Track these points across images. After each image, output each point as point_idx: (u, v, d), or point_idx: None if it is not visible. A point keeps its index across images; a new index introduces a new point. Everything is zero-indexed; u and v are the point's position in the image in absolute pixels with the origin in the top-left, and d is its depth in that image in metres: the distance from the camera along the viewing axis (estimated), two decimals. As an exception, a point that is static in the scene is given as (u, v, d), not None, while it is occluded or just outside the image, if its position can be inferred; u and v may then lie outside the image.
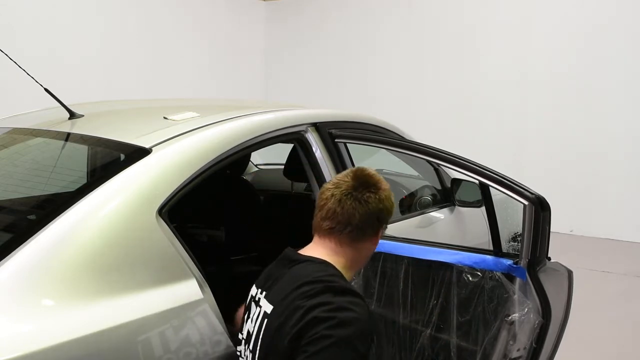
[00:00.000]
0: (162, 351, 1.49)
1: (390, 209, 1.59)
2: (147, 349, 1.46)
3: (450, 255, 2.04)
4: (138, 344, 1.45)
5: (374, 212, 1.53)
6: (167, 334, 1.51)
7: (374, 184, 1.56)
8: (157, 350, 1.48)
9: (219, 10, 8.60)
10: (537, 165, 6.91)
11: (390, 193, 1.59)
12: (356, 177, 1.56)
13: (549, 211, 1.85)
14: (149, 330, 1.47)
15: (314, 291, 1.37)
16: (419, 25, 7.95)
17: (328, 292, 1.37)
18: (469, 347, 1.99)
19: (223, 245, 2.85)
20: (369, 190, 1.54)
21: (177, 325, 1.53)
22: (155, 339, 1.48)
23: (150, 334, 1.47)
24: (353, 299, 1.37)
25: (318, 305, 1.34)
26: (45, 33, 6.38)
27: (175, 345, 1.52)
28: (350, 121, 2.52)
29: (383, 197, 1.55)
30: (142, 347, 1.45)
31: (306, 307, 1.34)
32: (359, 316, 1.33)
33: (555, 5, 6.96)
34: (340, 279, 1.44)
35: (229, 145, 1.87)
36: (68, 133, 2.07)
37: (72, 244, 1.46)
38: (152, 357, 1.47)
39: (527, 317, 1.85)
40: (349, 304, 1.34)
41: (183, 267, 1.61)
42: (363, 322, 1.34)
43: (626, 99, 6.53)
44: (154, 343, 1.47)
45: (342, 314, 1.32)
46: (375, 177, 1.59)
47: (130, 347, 1.43)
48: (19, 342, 1.27)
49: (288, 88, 9.00)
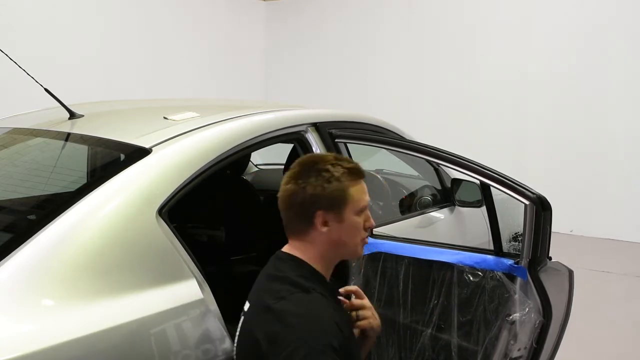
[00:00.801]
0: (162, 351, 1.49)
1: (330, 193, 1.46)
2: (147, 349, 1.46)
3: (451, 255, 2.03)
4: (138, 344, 1.45)
5: (304, 199, 1.47)
6: (167, 334, 1.51)
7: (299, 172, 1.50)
8: (157, 351, 1.48)
9: (219, 10, 8.60)
10: (537, 165, 6.90)
11: (331, 174, 1.47)
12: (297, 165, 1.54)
13: (550, 211, 1.85)
14: (149, 330, 1.47)
15: (279, 293, 1.41)
16: (418, 25, 7.95)
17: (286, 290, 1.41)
18: (470, 347, 1.99)
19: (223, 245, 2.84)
20: (295, 179, 1.49)
21: (177, 325, 1.53)
22: (155, 339, 1.48)
23: (150, 334, 1.47)
24: (303, 296, 1.40)
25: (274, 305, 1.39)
26: (45, 33, 6.38)
27: (175, 345, 1.52)
28: (350, 121, 2.52)
29: (314, 183, 1.47)
30: (142, 347, 1.45)
31: (270, 307, 1.38)
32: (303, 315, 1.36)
33: (555, 5, 6.96)
34: (299, 277, 1.45)
35: (229, 145, 1.87)
36: (68, 133, 2.07)
37: (72, 244, 1.46)
38: (152, 357, 1.47)
39: (528, 317, 1.85)
40: (294, 305, 1.38)
41: (183, 267, 1.61)
42: (310, 320, 1.36)
43: (626, 99, 6.52)
44: (153, 343, 1.47)
45: (288, 319, 1.35)
46: (307, 161, 1.53)
47: (130, 347, 1.43)
48: (19, 342, 1.27)
49: (288, 88, 9.00)
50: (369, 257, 2.16)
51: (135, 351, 1.44)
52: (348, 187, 1.49)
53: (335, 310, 1.46)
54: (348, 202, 1.49)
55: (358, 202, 1.50)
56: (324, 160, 1.52)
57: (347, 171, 1.50)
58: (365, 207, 1.53)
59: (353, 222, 1.50)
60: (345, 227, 1.50)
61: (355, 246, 1.54)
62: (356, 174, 1.52)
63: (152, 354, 1.47)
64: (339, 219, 1.49)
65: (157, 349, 1.48)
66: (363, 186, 1.53)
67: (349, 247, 1.54)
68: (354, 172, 1.52)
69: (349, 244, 1.53)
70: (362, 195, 1.52)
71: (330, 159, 1.54)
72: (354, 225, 1.51)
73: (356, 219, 1.51)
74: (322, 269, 1.52)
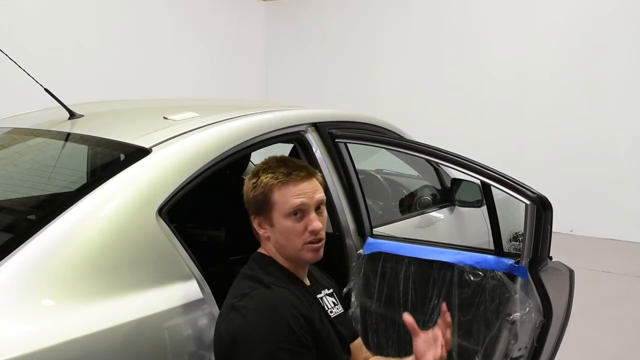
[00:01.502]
0: (162, 351, 1.49)
1: (248, 194, 1.55)
2: (147, 349, 1.46)
3: (451, 254, 2.03)
4: (138, 344, 1.45)
5: (246, 204, 1.57)
6: (167, 334, 1.51)
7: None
8: (156, 351, 1.48)
9: (219, 10, 8.60)
10: (537, 165, 6.90)
11: (253, 176, 1.55)
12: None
13: (550, 210, 1.85)
14: (148, 331, 1.47)
15: (243, 290, 1.47)
16: (419, 24, 7.94)
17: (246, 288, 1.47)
18: (471, 347, 1.99)
19: (223, 245, 2.84)
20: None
21: (177, 325, 1.53)
22: (155, 339, 1.48)
23: (150, 334, 1.47)
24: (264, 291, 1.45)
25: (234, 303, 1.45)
26: (46, 33, 6.38)
27: (175, 345, 1.52)
28: (350, 121, 2.52)
29: (246, 189, 1.56)
30: (141, 347, 1.45)
31: (234, 305, 1.44)
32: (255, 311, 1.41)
33: (555, 4, 6.96)
34: (264, 274, 1.50)
35: (229, 145, 1.87)
36: (68, 133, 2.07)
37: (72, 244, 1.46)
38: (152, 357, 1.47)
39: (528, 317, 1.85)
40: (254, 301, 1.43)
41: (183, 267, 1.61)
42: (268, 313, 1.41)
43: (626, 98, 6.52)
44: (153, 343, 1.47)
45: (248, 315, 1.41)
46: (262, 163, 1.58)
47: (130, 347, 1.43)
48: (19, 342, 1.27)
49: (288, 88, 9.00)
50: (369, 257, 2.16)
51: (135, 351, 1.44)
52: (271, 192, 1.50)
53: (300, 301, 1.47)
54: (272, 207, 1.50)
55: (284, 206, 1.49)
56: (261, 166, 1.56)
57: (273, 175, 1.51)
58: (296, 210, 1.50)
59: (284, 226, 1.50)
60: (278, 231, 1.52)
61: (295, 250, 1.52)
62: (282, 177, 1.50)
63: (152, 354, 1.47)
64: (269, 223, 1.53)
65: (157, 349, 1.48)
66: (294, 189, 1.50)
67: (290, 251, 1.53)
68: (281, 176, 1.50)
69: (288, 247, 1.52)
70: (289, 199, 1.49)
71: (266, 163, 1.57)
72: (285, 229, 1.50)
73: (286, 222, 1.50)
74: (288, 266, 1.55)
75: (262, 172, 1.53)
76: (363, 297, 2.17)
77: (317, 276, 1.69)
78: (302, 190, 1.50)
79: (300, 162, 1.62)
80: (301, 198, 1.50)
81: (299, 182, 1.51)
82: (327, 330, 1.53)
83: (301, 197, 1.50)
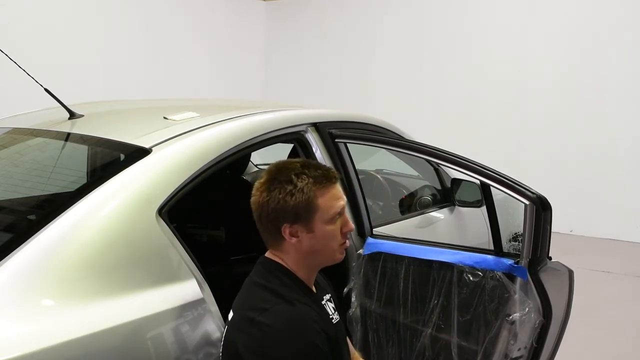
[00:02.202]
0: (162, 351, 1.49)
1: (287, 201, 1.40)
2: (147, 349, 1.46)
3: (451, 255, 2.03)
4: (138, 344, 1.45)
5: (268, 213, 1.43)
6: (167, 334, 1.51)
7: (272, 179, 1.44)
8: (156, 351, 1.48)
9: (219, 10, 8.60)
10: (537, 165, 6.90)
11: (294, 186, 1.41)
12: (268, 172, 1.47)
13: (550, 210, 1.85)
14: (148, 331, 1.47)
15: (262, 304, 1.40)
16: (419, 24, 7.94)
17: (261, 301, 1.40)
18: (470, 347, 1.99)
19: (223, 245, 2.84)
20: (261, 192, 1.45)
21: (176, 325, 1.53)
22: (155, 339, 1.48)
23: (150, 334, 1.47)
24: (286, 307, 1.39)
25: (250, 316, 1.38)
26: (46, 33, 6.37)
27: (175, 345, 1.52)
28: (350, 121, 2.52)
29: (277, 196, 1.42)
30: (141, 347, 1.45)
31: (254, 320, 1.37)
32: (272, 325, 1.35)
33: (555, 5, 6.96)
34: (282, 287, 1.43)
35: (229, 145, 1.87)
36: (68, 133, 2.07)
37: (72, 244, 1.46)
38: (152, 357, 1.47)
39: (528, 317, 1.85)
40: (276, 318, 1.36)
41: (183, 267, 1.61)
42: (293, 332, 1.35)
43: (626, 98, 6.52)
44: (153, 343, 1.47)
45: (271, 333, 1.35)
46: (273, 171, 1.46)
47: (130, 347, 1.43)
48: (19, 342, 1.27)
49: (288, 88, 9.00)
50: (369, 257, 2.17)
51: (135, 351, 1.44)
52: (314, 198, 1.42)
53: (320, 317, 1.44)
54: (316, 213, 1.42)
55: (328, 211, 1.44)
56: (289, 169, 1.44)
57: (313, 180, 1.42)
58: (338, 214, 1.46)
59: (324, 231, 1.44)
60: (317, 237, 1.44)
61: (331, 253, 1.49)
62: (323, 181, 1.44)
63: (151, 354, 1.47)
64: (308, 229, 1.43)
65: (157, 349, 1.48)
66: (334, 192, 1.46)
67: (325, 255, 1.49)
68: (320, 179, 1.44)
69: (324, 252, 1.48)
70: (333, 203, 1.44)
71: (295, 167, 1.45)
72: (326, 234, 1.45)
73: (328, 227, 1.45)
74: (304, 275, 1.49)
75: (295, 177, 1.42)
76: (363, 297, 2.17)
77: (318, 280, 1.69)
78: (340, 193, 1.48)
79: (321, 164, 1.57)
80: (341, 201, 1.47)
81: (336, 184, 1.47)
82: (339, 343, 1.52)
83: (341, 200, 1.47)
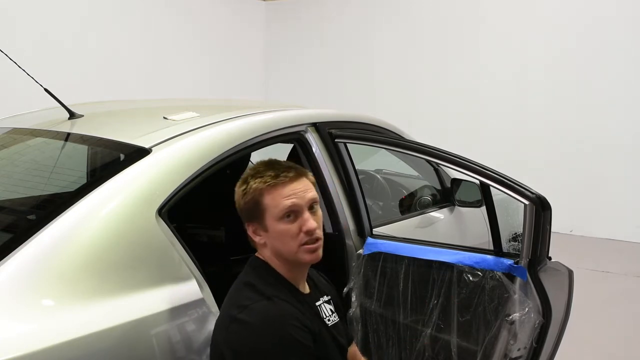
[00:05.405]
0: (162, 351, 1.49)
1: (239, 202, 1.52)
2: (147, 350, 1.46)
3: (450, 255, 2.03)
4: (138, 344, 1.45)
5: (239, 211, 1.54)
6: (167, 334, 1.51)
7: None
8: (156, 351, 1.48)
9: (219, 11, 8.60)
10: (537, 165, 6.90)
11: (242, 183, 1.53)
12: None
13: (549, 211, 1.85)
14: (148, 331, 1.47)
15: (243, 301, 1.45)
16: (418, 25, 7.94)
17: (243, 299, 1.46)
18: (470, 347, 1.99)
19: (223, 245, 2.84)
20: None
21: (176, 325, 1.53)
22: (155, 339, 1.48)
23: (150, 334, 1.47)
24: (265, 304, 1.43)
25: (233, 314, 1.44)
26: (46, 33, 6.37)
27: (175, 345, 1.52)
28: (350, 121, 2.52)
29: (237, 197, 1.53)
30: (141, 347, 1.46)
31: (235, 317, 1.42)
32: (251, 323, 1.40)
33: (556, 4, 6.96)
34: (263, 284, 1.48)
35: (229, 145, 1.87)
36: (68, 133, 2.07)
37: (72, 244, 1.46)
38: (152, 357, 1.47)
39: (527, 317, 1.85)
40: (255, 314, 1.41)
41: (183, 267, 1.61)
42: (271, 328, 1.39)
43: (626, 98, 6.52)
44: (153, 343, 1.47)
45: (249, 328, 1.39)
46: (246, 172, 1.55)
47: (130, 347, 1.43)
48: (19, 342, 1.27)
49: (288, 88, 9.00)
50: (369, 257, 2.17)
51: (134, 351, 1.44)
52: (259, 197, 1.47)
53: (301, 314, 1.46)
54: (264, 212, 1.48)
55: (275, 209, 1.46)
56: (249, 172, 1.53)
57: (261, 179, 1.48)
58: (288, 212, 1.47)
59: (277, 229, 1.47)
60: (272, 236, 1.49)
61: (292, 253, 1.49)
62: (271, 180, 1.47)
63: (151, 354, 1.47)
64: (263, 228, 1.50)
65: (157, 349, 1.48)
66: (283, 191, 1.47)
67: (287, 254, 1.50)
68: (268, 179, 1.47)
69: (284, 251, 1.50)
70: (279, 201, 1.46)
71: (254, 168, 1.53)
72: (281, 233, 1.47)
73: (280, 226, 1.47)
74: (287, 274, 1.52)
75: (250, 177, 1.50)
76: (363, 297, 2.17)
77: (316, 281, 1.68)
78: (292, 191, 1.48)
79: (289, 163, 1.58)
80: (292, 199, 1.47)
81: (288, 183, 1.48)
82: (326, 342, 1.52)
83: (292, 198, 1.47)
